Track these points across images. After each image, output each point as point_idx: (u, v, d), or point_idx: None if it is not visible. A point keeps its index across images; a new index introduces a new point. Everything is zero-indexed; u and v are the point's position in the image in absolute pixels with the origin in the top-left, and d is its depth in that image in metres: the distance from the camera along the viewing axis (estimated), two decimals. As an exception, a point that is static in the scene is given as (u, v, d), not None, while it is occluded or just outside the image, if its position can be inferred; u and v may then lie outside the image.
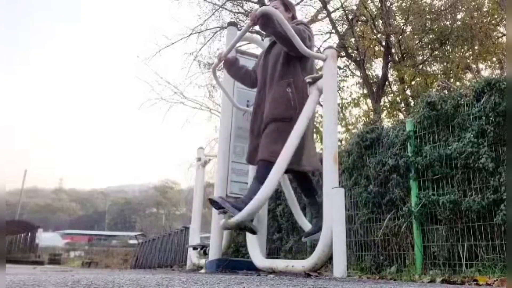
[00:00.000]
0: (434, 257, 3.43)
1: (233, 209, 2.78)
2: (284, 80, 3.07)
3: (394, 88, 11.21)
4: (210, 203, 2.97)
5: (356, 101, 11.13)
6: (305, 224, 3.79)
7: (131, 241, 33.89)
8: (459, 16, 9.95)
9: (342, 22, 11.18)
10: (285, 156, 2.81)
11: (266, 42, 3.78)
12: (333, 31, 11.18)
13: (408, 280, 3.00)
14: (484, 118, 3.25)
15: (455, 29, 9.42)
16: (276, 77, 3.12)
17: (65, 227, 57.21)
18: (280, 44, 3.06)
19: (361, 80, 11.05)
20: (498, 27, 10.15)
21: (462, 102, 3.51)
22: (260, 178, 2.85)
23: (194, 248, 4.79)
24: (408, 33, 10.40)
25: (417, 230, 3.58)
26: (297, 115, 2.95)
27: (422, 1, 10.43)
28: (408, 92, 10.52)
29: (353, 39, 10.55)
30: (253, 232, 3.06)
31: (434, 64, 10.63)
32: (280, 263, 3.02)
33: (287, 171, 3.09)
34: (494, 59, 10.24)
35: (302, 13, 12.54)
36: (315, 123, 9.70)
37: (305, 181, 3.25)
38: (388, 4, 10.39)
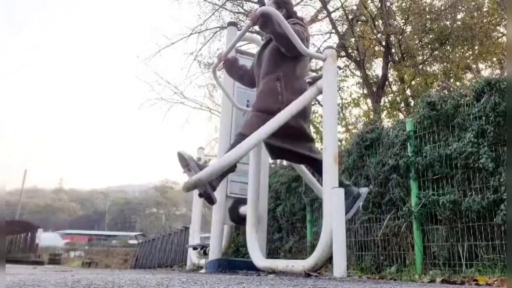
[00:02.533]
0: (434, 257, 3.43)
1: (196, 167, 2.69)
2: (273, 74, 3.08)
3: (394, 88, 11.21)
4: (178, 158, 2.86)
5: (356, 101, 11.12)
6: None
7: (131, 241, 33.90)
8: (459, 16, 9.95)
9: (342, 22, 11.18)
10: (261, 132, 2.76)
11: (265, 42, 3.78)
12: (333, 31, 11.18)
13: (408, 280, 3.00)
14: (484, 118, 3.25)
15: (455, 29, 9.41)
16: (266, 71, 3.14)
17: (65, 227, 57.17)
18: (276, 43, 3.06)
19: (361, 80, 11.05)
20: (498, 27, 10.15)
21: (462, 102, 3.51)
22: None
23: (194, 248, 4.79)
24: (408, 33, 10.39)
25: (417, 230, 3.58)
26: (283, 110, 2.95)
27: (422, 1, 10.42)
28: (408, 92, 10.51)
29: (353, 39, 10.54)
30: (211, 201, 2.84)
31: (434, 64, 10.62)
32: (280, 263, 3.02)
33: (304, 161, 3.17)
34: (494, 59, 10.23)
35: (302, 13, 12.54)
36: (315, 123, 9.76)
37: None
38: (388, 4, 10.39)
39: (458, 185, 3.37)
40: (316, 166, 3.23)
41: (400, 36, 9.95)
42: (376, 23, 10.33)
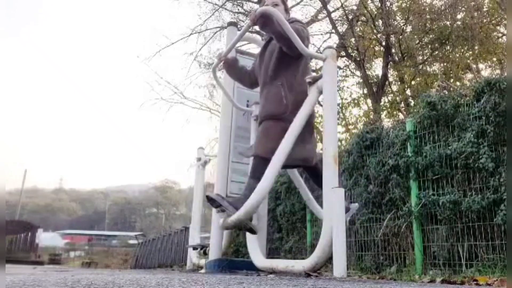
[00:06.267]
0: (434, 257, 3.43)
1: (231, 207, 2.76)
2: (277, 79, 3.10)
3: (394, 88, 11.20)
4: (207, 201, 2.94)
5: (356, 101, 11.13)
6: (320, 213, 3.68)
7: (131, 241, 33.92)
8: (459, 16, 9.94)
9: (342, 22, 11.18)
10: (281, 153, 2.81)
11: (266, 42, 3.78)
12: (333, 31, 11.19)
13: (408, 280, 3.00)
14: (484, 118, 3.25)
15: (455, 29, 9.41)
16: (269, 77, 3.15)
17: (65, 227, 57.19)
18: (278, 43, 3.07)
19: (361, 80, 11.04)
20: (498, 27, 10.15)
21: (462, 102, 3.51)
22: (256, 175, 2.86)
23: (194, 248, 4.79)
24: (408, 33, 10.39)
25: (417, 230, 3.58)
26: (289, 113, 2.97)
27: (422, 1, 10.43)
28: (408, 92, 10.51)
29: (353, 39, 10.54)
30: (253, 232, 3.05)
31: (434, 64, 10.62)
32: (280, 263, 3.02)
33: (298, 167, 3.18)
34: (494, 59, 10.23)
35: (302, 13, 12.56)
36: (315, 123, 9.75)
37: (316, 173, 3.18)
38: (388, 4, 10.39)
39: (458, 185, 3.37)
40: (309, 171, 3.25)
41: (400, 36, 9.95)
42: (376, 23, 10.33)
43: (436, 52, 10.03)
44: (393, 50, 10.37)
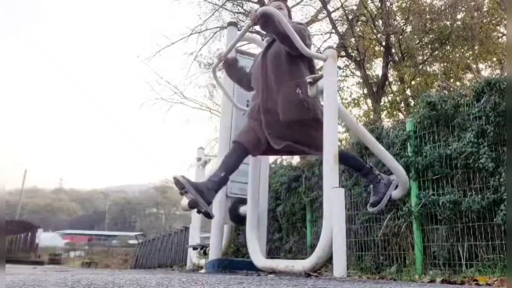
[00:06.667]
0: (434, 257, 3.43)
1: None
2: (292, 81, 3.02)
3: (394, 88, 11.20)
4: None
5: (356, 101, 11.12)
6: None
7: (131, 241, 33.93)
8: (459, 16, 9.95)
9: (342, 22, 11.19)
10: None
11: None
12: (333, 31, 11.19)
13: (408, 280, 3.00)
14: (484, 118, 3.25)
15: (455, 29, 9.41)
16: (283, 78, 3.04)
17: (65, 227, 57.22)
18: (281, 43, 3.05)
19: (361, 80, 11.04)
20: (498, 27, 10.16)
21: (462, 102, 3.51)
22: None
23: (194, 248, 4.79)
24: (408, 33, 10.39)
25: (417, 230, 3.58)
26: (312, 115, 2.95)
27: (422, 1, 10.43)
28: (408, 92, 10.51)
29: (353, 39, 10.55)
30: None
31: (434, 64, 10.62)
32: (280, 263, 3.02)
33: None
34: (494, 59, 10.23)
35: (302, 13, 12.57)
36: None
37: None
38: (388, 4, 10.40)
39: (458, 185, 3.37)
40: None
41: (400, 36, 9.95)
42: (376, 23, 10.33)
43: (436, 52, 10.03)
44: (393, 50, 10.37)
